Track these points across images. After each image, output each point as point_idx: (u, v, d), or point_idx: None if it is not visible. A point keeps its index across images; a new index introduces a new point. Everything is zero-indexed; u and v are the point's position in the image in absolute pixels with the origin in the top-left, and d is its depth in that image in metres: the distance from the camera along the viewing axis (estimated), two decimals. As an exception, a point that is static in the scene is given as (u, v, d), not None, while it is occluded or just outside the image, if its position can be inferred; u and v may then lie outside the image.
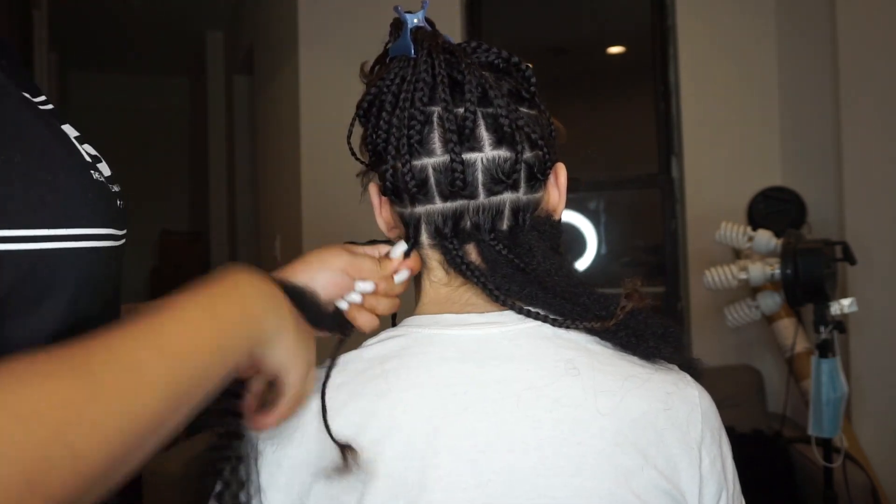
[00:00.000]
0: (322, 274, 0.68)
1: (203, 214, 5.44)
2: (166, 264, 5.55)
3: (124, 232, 0.63)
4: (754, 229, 2.19)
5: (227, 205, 5.03)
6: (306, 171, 3.02)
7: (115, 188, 0.62)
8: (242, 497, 0.63)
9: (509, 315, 0.68)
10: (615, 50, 3.53)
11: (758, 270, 2.04)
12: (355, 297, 0.71)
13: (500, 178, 0.67)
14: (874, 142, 2.49)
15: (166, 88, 6.00)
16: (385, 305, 0.72)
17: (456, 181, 0.66)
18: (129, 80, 5.82)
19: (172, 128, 6.03)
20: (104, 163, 0.63)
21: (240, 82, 4.67)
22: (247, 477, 0.64)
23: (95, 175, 0.57)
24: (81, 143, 0.61)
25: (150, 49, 5.30)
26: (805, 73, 2.83)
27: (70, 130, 0.60)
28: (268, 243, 3.73)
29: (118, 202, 0.61)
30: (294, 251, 3.17)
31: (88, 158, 0.58)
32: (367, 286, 0.71)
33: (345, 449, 0.61)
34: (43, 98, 0.61)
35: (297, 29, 3.04)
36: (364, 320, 0.71)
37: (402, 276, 0.72)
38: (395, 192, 0.70)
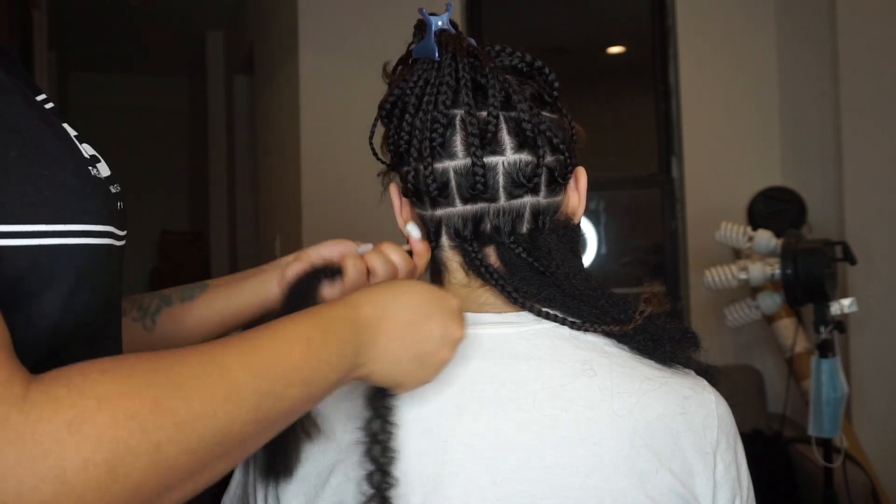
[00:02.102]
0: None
1: (203, 214, 5.43)
2: (166, 264, 5.54)
3: (125, 233, 0.63)
4: (754, 229, 2.19)
5: (227, 205, 5.02)
6: (306, 171, 3.02)
7: (114, 189, 0.62)
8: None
9: (526, 316, 0.68)
10: (615, 50, 3.53)
11: (758, 270, 2.04)
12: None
13: (521, 182, 0.67)
14: (874, 142, 2.49)
15: (166, 88, 5.99)
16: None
17: (477, 184, 0.66)
18: (129, 80, 5.81)
19: (172, 128, 6.03)
20: (103, 163, 0.63)
21: (240, 82, 4.67)
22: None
23: (94, 172, 0.57)
24: (81, 143, 0.61)
25: (150, 49, 5.29)
26: (805, 73, 2.83)
27: (70, 130, 0.60)
28: (268, 243, 3.72)
29: (118, 203, 0.61)
30: (294, 251, 3.16)
31: (85, 154, 0.58)
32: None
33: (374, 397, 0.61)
34: (44, 97, 0.61)
35: (297, 29, 3.04)
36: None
37: (416, 240, 0.73)
38: (416, 194, 0.70)
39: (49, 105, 0.60)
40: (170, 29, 4.88)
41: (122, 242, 0.62)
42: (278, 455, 0.63)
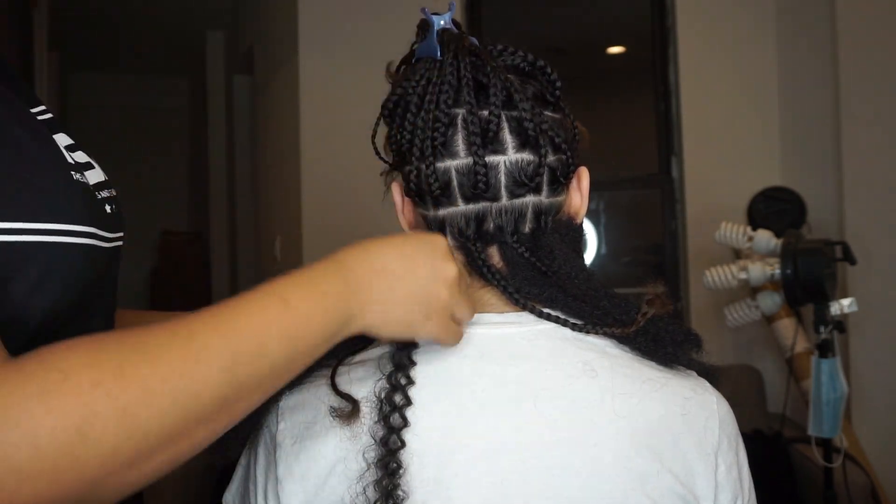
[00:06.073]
0: None
1: (203, 214, 5.43)
2: (166, 264, 5.54)
3: (117, 235, 0.64)
4: (754, 229, 2.19)
5: (227, 205, 5.02)
6: (306, 171, 3.02)
7: (105, 194, 0.64)
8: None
9: (527, 316, 0.68)
10: (615, 50, 3.53)
11: (758, 270, 2.04)
12: None
13: (523, 181, 0.67)
14: (874, 142, 2.49)
15: (166, 88, 5.99)
16: None
17: (478, 183, 0.66)
18: (129, 80, 5.81)
19: (172, 128, 6.03)
20: (97, 169, 0.65)
21: (240, 82, 4.67)
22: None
23: (77, 177, 0.59)
24: (74, 151, 0.63)
25: (150, 49, 5.29)
26: (805, 73, 2.83)
27: (64, 139, 0.62)
28: (268, 243, 3.72)
29: (107, 206, 0.63)
30: (294, 251, 3.17)
31: (71, 160, 0.60)
32: None
33: (350, 400, 0.62)
34: (42, 108, 0.63)
35: (297, 29, 3.04)
36: None
37: None
38: (419, 194, 0.70)
39: (46, 116, 0.62)
40: (170, 29, 4.88)
41: (115, 244, 0.64)
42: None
